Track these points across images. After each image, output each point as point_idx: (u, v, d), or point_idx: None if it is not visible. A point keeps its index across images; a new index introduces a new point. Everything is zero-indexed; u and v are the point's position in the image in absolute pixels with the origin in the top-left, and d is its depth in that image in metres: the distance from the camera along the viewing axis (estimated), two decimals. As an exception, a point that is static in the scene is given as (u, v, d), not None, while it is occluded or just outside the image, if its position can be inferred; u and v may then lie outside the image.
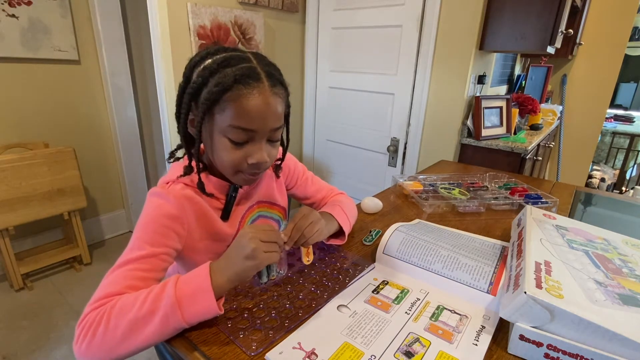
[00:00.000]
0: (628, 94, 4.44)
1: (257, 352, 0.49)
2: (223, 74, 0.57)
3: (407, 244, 0.72)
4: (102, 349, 0.49)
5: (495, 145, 1.67)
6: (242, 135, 0.59)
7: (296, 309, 0.58)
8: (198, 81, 0.58)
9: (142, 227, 0.59)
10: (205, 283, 0.51)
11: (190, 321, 0.50)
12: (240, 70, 0.57)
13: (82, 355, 0.49)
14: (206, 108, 0.58)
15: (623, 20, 2.43)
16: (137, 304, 0.50)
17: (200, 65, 0.60)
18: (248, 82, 0.57)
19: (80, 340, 0.49)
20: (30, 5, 1.76)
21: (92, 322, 0.49)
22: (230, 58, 0.59)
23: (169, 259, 0.60)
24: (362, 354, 0.50)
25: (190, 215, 0.64)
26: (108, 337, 0.48)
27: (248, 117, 0.58)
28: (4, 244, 1.73)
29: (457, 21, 1.61)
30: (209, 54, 0.60)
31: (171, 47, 1.57)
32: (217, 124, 0.59)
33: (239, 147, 0.61)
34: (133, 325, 0.49)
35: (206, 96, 0.57)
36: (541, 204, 1.01)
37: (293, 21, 2.11)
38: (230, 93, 0.56)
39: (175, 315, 0.49)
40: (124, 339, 0.49)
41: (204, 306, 0.50)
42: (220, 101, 0.57)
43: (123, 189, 2.37)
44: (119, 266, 0.55)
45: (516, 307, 0.50)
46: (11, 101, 1.82)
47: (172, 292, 0.50)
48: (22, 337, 1.56)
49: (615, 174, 3.45)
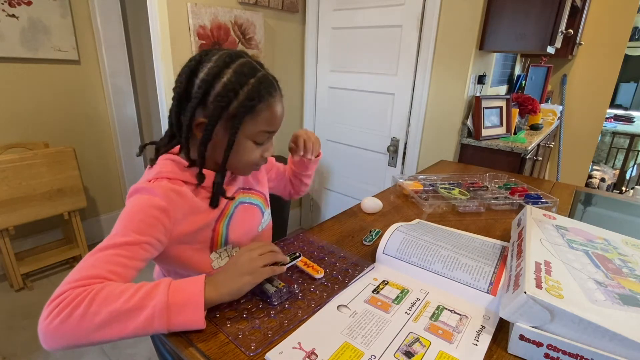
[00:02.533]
0: (628, 94, 4.43)
1: (255, 352, 0.49)
2: (252, 87, 0.62)
3: (407, 244, 0.72)
4: (75, 332, 0.47)
5: (495, 145, 1.67)
6: (266, 136, 0.68)
7: (295, 310, 0.58)
8: (229, 95, 0.61)
9: (127, 215, 0.59)
10: (198, 297, 0.52)
11: (173, 329, 0.50)
12: (264, 81, 0.64)
13: (50, 332, 0.47)
14: (241, 119, 0.62)
15: (623, 20, 2.43)
16: (124, 296, 0.49)
17: (222, 77, 0.62)
18: (271, 92, 0.65)
19: (52, 317, 0.47)
20: (30, 5, 1.76)
21: (70, 302, 0.47)
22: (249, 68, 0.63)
23: (152, 250, 0.59)
24: (362, 354, 0.50)
25: (178, 207, 0.64)
26: (85, 321, 0.47)
27: (273, 121, 0.67)
28: (4, 244, 1.73)
29: (457, 21, 1.61)
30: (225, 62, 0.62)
31: (171, 47, 1.57)
32: (246, 130, 0.65)
33: (258, 147, 0.69)
34: (115, 316, 0.48)
35: (240, 109, 0.62)
36: (541, 204, 1.01)
37: (293, 21, 2.11)
38: (262, 104, 0.63)
39: (161, 319, 0.49)
40: (101, 328, 0.47)
41: (191, 319, 0.51)
42: (253, 112, 0.63)
43: (123, 189, 2.37)
44: (101, 249, 0.54)
45: (516, 307, 0.50)
46: (11, 101, 1.82)
47: (164, 296, 0.50)
48: (22, 337, 1.56)
49: (615, 174, 3.45)
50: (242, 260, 0.59)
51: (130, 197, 0.63)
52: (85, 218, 2.21)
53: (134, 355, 1.50)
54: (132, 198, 0.62)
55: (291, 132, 0.79)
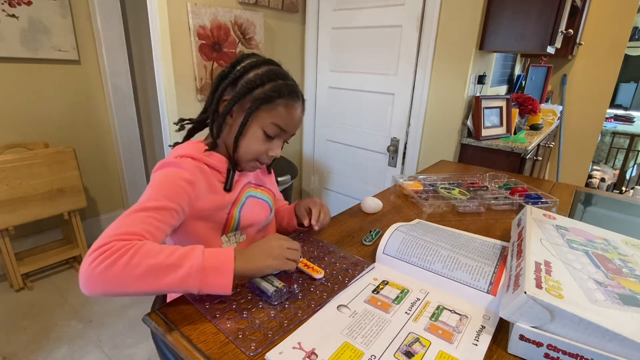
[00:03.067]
0: (628, 94, 4.43)
1: (256, 352, 0.49)
2: (279, 84, 0.71)
3: (407, 244, 0.72)
4: (117, 279, 0.50)
5: (495, 145, 1.67)
6: (276, 131, 0.73)
7: (295, 309, 0.58)
8: (257, 81, 0.70)
9: (158, 184, 0.65)
10: (229, 264, 0.57)
11: (203, 290, 0.55)
12: (290, 87, 0.72)
13: (93, 277, 0.50)
14: (259, 104, 0.69)
15: (623, 20, 2.43)
16: (164, 254, 0.54)
17: (258, 69, 0.72)
18: (293, 97, 0.73)
19: (97, 263, 0.50)
20: (30, 5, 1.76)
21: (115, 251, 0.51)
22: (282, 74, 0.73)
23: (177, 218, 0.64)
24: (362, 354, 0.50)
25: (202, 182, 0.71)
26: (128, 270, 0.51)
27: (287, 120, 0.73)
28: (4, 244, 1.73)
29: (457, 21, 1.61)
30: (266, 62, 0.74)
31: (171, 47, 1.57)
32: (260, 118, 0.71)
33: (266, 140, 0.74)
34: (155, 269, 0.52)
35: (261, 95, 0.69)
36: (541, 204, 1.01)
37: (293, 21, 2.11)
38: (281, 100, 0.71)
39: (195, 279, 0.54)
40: (141, 278, 0.51)
41: (222, 283, 0.56)
42: (272, 102, 0.70)
43: (123, 189, 2.37)
44: (137, 211, 0.59)
45: (516, 307, 0.50)
46: (11, 101, 1.82)
47: (199, 259, 0.55)
48: (22, 337, 1.56)
49: (615, 174, 3.45)
50: (273, 244, 0.65)
51: (158, 170, 0.69)
52: (85, 218, 2.21)
53: (133, 355, 1.50)
54: (161, 171, 0.68)
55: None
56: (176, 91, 1.65)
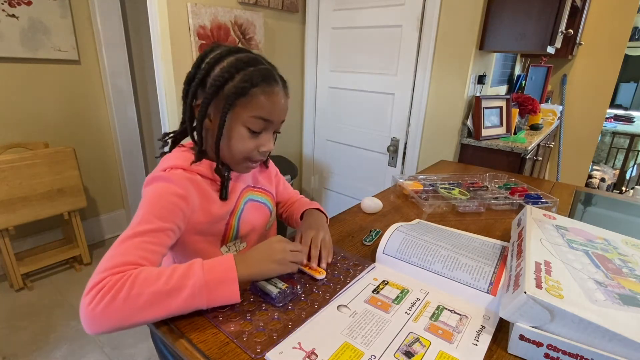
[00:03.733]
0: (628, 94, 4.43)
1: (262, 354, 0.49)
2: (249, 72, 0.64)
3: (407, 244, 0.72)
4: (120, 314, 0.49)
5: (495, 145, 1.67)
6: (261, 125, 0.67)
7: (299, 311, 0.58)
8: (224, 76, 0.64)
9: (148, 203, 0.61)
10: (232, 273, 0.55)
11: (212, 305, 0.54)
12: (264, 71, 0.66)
13: (95, 317, 0.48)
14: (233, 100, 0.64)
15: (623, 20, 2.43)
16: (163, 278, 0.52)
17: (222, 62, 0.65)
18: (269, 82, 0.66)
19: (96, 302, 0.48)
20: (30, 5, 1.76)
21: (112, 286, 0.49)
22: (252, 59, 0.67)
23: (173, 237, 0.62)
24: (362, 354, 0.50)
25: (194, 195, 0.67)
26: (129, 303, 0.49)
27: (269, 109, 0.67)
28: (4, 244, 1.73)
29: (457, 21, 1.61)
30: (230, 51, 0.67)
31: (171, 47, 1.57)
32: (239, 115, 0.66)
33: (253, 137, 0.68)
34: (157, 297, 0.50)
35: (233, 90, 0.63)
36: (541, 204, 1.01)
37: (293, 21, 2.11)
38: (256, 89, 0.64)
39: (200, 296, 0.53)
40: (145, 308, 0.50)
41: (228, 294, 0.55)
42: (247, 95, 0.64)
43: (123, 189, 2.37)
44: (129, 237, 0.56)
45: (516, 307, 0.50)
46: (11, 101, 1.82)
47: (200, 275, 0.53)
48: (22, 337, 1.56)
49: (615, 174, 3.45)
50: (275, 247, 0.63)
51: (148, 185, 0.65)
52: (85, 218, 2.21)
53: (134, 355, 1.50)
54: (150, 187, 0.64)
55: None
56: (176, 91, 1.65)
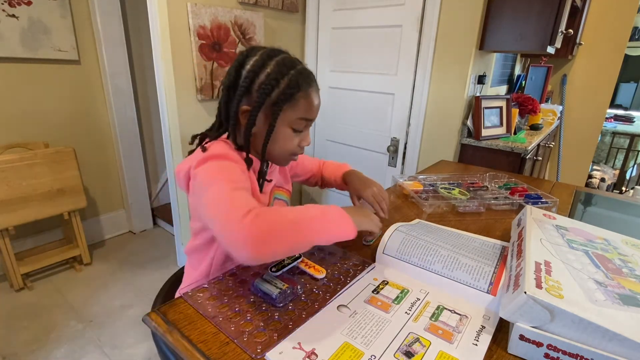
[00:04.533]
0: (628, 94, 4.43)
1: (263, 354, 0.49)
2: (292, 76, 0.68)
3: (407, 244, 0.72)
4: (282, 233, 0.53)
5: (495, 145, 1.67)
6: (304, 124, 0.73)
7: (299, 311, 0.58)
8: (271, 83, 0.67)
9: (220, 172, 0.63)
10: (345, 215, 0.61)
11: (340, 235, 0.60)
12: (304, 73, 0.70)
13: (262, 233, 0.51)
14: (282, 105, 0.68)
15: (623, 20, 2.42)
16: (298, 210, 0.58)
17: (266, 68, 0.68)
18: (309, 83, 0.70)
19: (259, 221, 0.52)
20: (30, 5, 1.76)
21: (265, 212, 0.53)
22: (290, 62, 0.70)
23: None
24: (362, 354, 0.50)
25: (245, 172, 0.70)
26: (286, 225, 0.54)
27: (311, 110, 0.72)
28: (4, 244, 1.73)
29: (457, 21, 1.61)
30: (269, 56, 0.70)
31: (171, 47, 1.57)
32: (286, 117, 0.70)
33: (297, 135, 0.74)
34: (301, 219, 0.56)
35: (281, 96, 0.67)
36: (541, 204, 1.01)
37: (293, 21, 2.11)
38: (301, 92, 0.69)
39: (334, 223, 0.59)
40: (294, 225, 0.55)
41: (349, 227, 0.61)
42: (292, 99, 0.68)
43: (123, 189, 2.37)
44: (234, 190, 0.58)
45: (516, 307, 0.50)
46: (11, 101, 1.82)
47: (329, 209, 0.60)
48: (22, 337, 1.56)
49: (615, 174, 3.45)
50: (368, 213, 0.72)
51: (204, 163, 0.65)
52: (85, 218, 2.21)
53: (133, 355, 1.50)
54: (209, 163, 0.65)
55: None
56: (176, 91, 1.65)
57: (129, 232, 2.48)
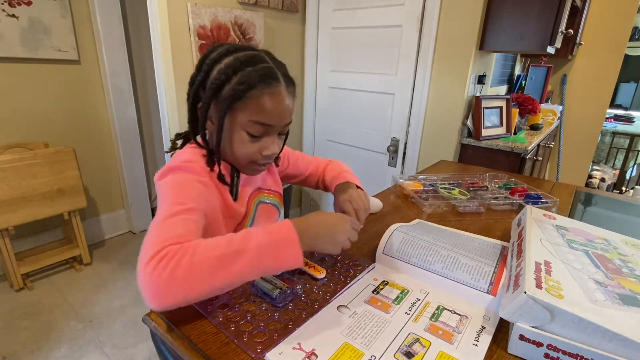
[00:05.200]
0: (628, 94, 4.43)
1: (263, 354, 0.49)
2: (247, 73, 0.61)
3: (407, 244, 0.72)
4: (187, 280, 0.47)
5: (495, 145, 1.67)
6: (260, 129, 0.65)
7: (299, 311, 0.58)
8: (221, 78, 0.61)
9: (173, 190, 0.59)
10: (293, 235, 0.53)
11: (278, 266, 0.52)
12: (263, 70, 0.62)
13: (163, 285, 0.46)
14: (230, 103, 0.61)
15: (623, 20, 2.43)
16: (223, 243, 0.50)
17: (220, 62, 0.62)
18: (269, 82, 0.62)
19: (160, 269, 0.46)
20: (30, 5, 1.76)
21: (173, 255, 0.47)
22: (251, 58, 0.63)
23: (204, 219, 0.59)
24: (362, 355, 0.50)
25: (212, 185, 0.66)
26: (195, 269, 0.47)
27: (268, 113, 0.63)
28: (4, 244, 1.73)
29: (457, 21, 1.61)
30: (229, 51, 0.63)
31: (171, 47, 1.57)
32: (238, 119, 0.63)
33: (255, 140, 0.66)
34: (222, 260, 0.48)
35: (230, 93, 0.61)
36: (541, 204, 1.01)
37: (293, 21, 2.11)
38: (254, 91, 0.61)
39: (266, 257, 0.51)
40: (212, 272, 0.48)
41: (293, 255, 0.52)
42: (244, 98, 0.61)
43: (123, 189, 2.37)
44: (169, 217, 0.54)
45: (516, 307, 0.50)
46: (11, 101, 1.82)
47: (263, 236, 0.51)
48: (22, 337, 1.56)
49: (615, 174, 3.45)
50: (340, 229, 0.59)
51: (165, 176, 0.62)
52: (85, 218, 2.21)
53: (133, 355, 1.50)
54: (169, 177, 0.62)
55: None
56: (176, 91, 1.65)
57: (129, 232, 2.48)
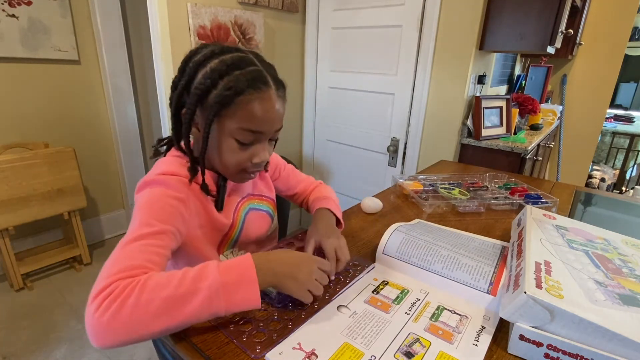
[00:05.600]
0: (628, 94, 4.43)
1: (262, 354, 0.49)
2: (234, 77, 0.57)
3: (407, 244, 0.72)
4: (130, 323, 0.44)
5: (495, 145, 1.67)
6: (250, 136, 0.61)
7: (299, 311, 0.58)
8: (206, 83, 0.58)
9: (145, 207, 0.56)
10: (251, 274, 0.50)
11: (231, 309, 0.49)
12: (251, 74, 0.58)
13: (103, 327, 0.43)
14: (217, 110, 0.58)
15: (623, 20, 2.43)
16: (174, 281, 0.47)
17: (206, 65, 0.59)
18: (259, 87, 0.58)
19: (102, 309, 0.43)
20: (30, 5, 1.76)
21: (120, 293, 0.44)
22: (238, 60, 0.59)
23: (175, 240, 0.57)
24: (362, 355, 0.50)
25: (192, 199, 0.63)
26: (139, 311, 0.44)
27: (257, 120, 0.60)
28: (4, 244, 1.73)
29: (457, 21, 1.61)
30: (214, 53, 0.60)
31: (171, 47, 1.57)
32: (226, 126, 0.60)
33: (244, 148, 0.63)
34: (170, 302, 0.45)
35: (216, 99, 0.57)
36: (541, 204, 1.01)
37: (293, 21, 2.11)
38: (242, 97, 0.58)
39: (218, 300, 0.47)
40: (157, 316, 0.45)
41: (249, 297, 0.49)
42: (231, 104, 0.58)
43: (123, 189, 2.37)
44: (132, 241, 0.51)
45: (516, 307, 0.50)
46: (11, 101, 1.82)
47: (216, 276, 0.48)
48: (22, 337, 1.56)
49: (615, 174, 3.45)
50: (303, 268, 0.56)
51: (141, 190, 0.60)
52: (85, 218, 2.21)
53: (133, 355, 1.50)
54: (145, 191, 0.59)
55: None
56: (176, 91, 1.64)
57: (129, 232, 2.48)
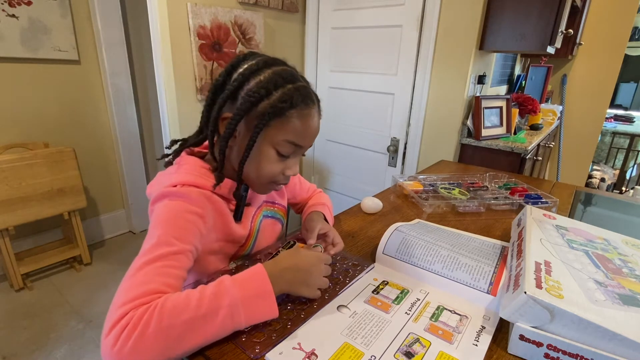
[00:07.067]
0: (628, 94, 4.43)
1: (261, 354, 0.49)
2: (288, 90, 0.58)
3: (407, 244, 0.72)
4: (153, 351, 0.43)
5: (495, 145, 1.67)
6: (291, 149, 0.62)
7: (298, 311, 0.58)
8: (261, 92, 0.58)
9: (164, 223, 0.56)
10: (267, 286, 0.52)
11: (251, 322, 0.50)
12: (304, 90, 0.60)
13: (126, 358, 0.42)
14: (268, 120, 0.58)
15: (623, 20, 2.43)
16: (193, 302, 0.47)
17: (260, 74, 0.59)
18: (308, 103, 0.61)
19: (122, 341, 0.42)
20: (30, 5, 1.76)
21: (138, 321, 0.43)
22: (290, 75, 0.61)
23: (193, 259, 0.57)
24: (362, 355, 0.50)
25: (211, 214, 0.62)
26: (162, 337, 0.44)
27: (302, 134, 0.62)
28: (4, 244, 1.73)
29: (457, 21, 1.61)
30: (267, 64, 0.61)
31: (171, 48, 1.57)
32: (271, 135, 0.60)
33: (281, 160, 0.63)
34: (192, 324, 0.46)
35: (269, 109, 0.58)
36: (541, 204, 1.01)
37: (293, 21, 2.11)
38: (294, 110, 0.59)
39: (239, 316, 0.49)
40: (180, 340, 0.45)
41: (267, 309, 0.51)
42: (283, 116, 0.59)
43: (123, 189, 2.37)
44: (149, 262, 0.51)
45: (516, 307, 0.50)
46: (11, 101, 1.82)
47: (234, 291, 0.49)
48: (22, 337, 1.56)
49: (615, 174, 3.45)
50: (315, 273, 0.59)
51: (159, 201, 0.59)
52: (85, 218, 2.21)
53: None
54: (164, 202, 0.58)
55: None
56: (176, 91, 1.65)
57: (129, 232, 2.48)
